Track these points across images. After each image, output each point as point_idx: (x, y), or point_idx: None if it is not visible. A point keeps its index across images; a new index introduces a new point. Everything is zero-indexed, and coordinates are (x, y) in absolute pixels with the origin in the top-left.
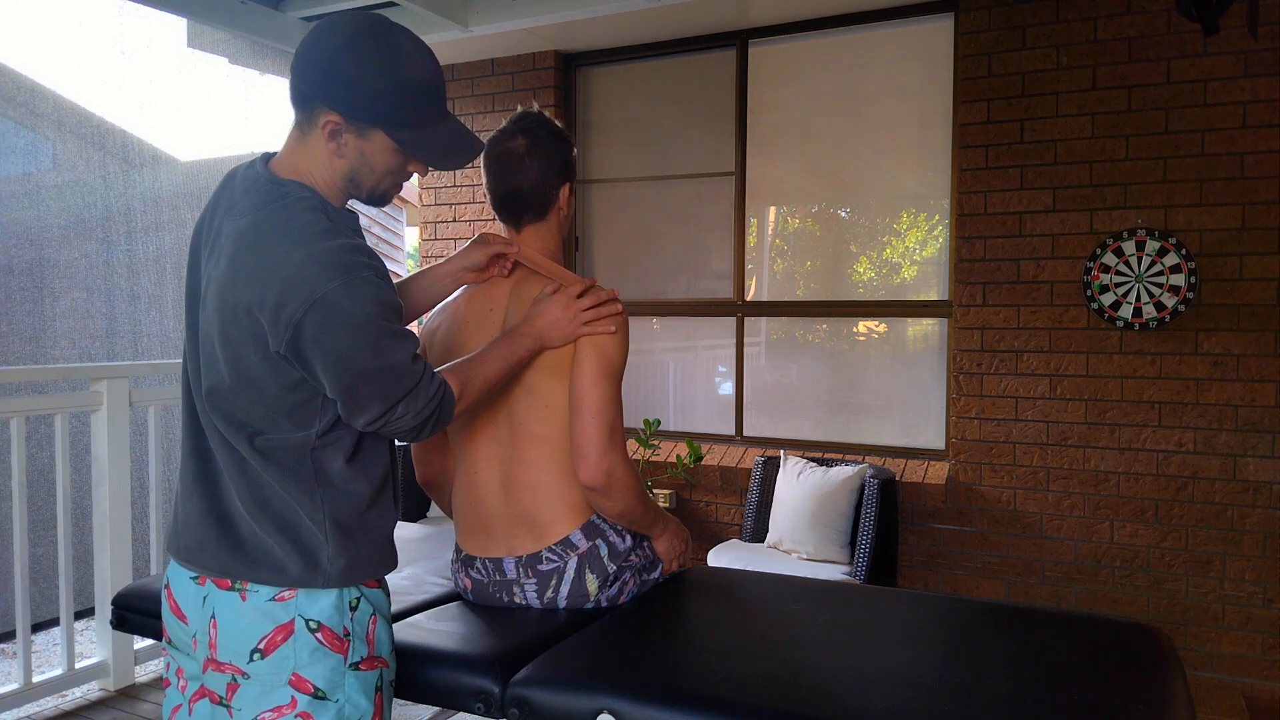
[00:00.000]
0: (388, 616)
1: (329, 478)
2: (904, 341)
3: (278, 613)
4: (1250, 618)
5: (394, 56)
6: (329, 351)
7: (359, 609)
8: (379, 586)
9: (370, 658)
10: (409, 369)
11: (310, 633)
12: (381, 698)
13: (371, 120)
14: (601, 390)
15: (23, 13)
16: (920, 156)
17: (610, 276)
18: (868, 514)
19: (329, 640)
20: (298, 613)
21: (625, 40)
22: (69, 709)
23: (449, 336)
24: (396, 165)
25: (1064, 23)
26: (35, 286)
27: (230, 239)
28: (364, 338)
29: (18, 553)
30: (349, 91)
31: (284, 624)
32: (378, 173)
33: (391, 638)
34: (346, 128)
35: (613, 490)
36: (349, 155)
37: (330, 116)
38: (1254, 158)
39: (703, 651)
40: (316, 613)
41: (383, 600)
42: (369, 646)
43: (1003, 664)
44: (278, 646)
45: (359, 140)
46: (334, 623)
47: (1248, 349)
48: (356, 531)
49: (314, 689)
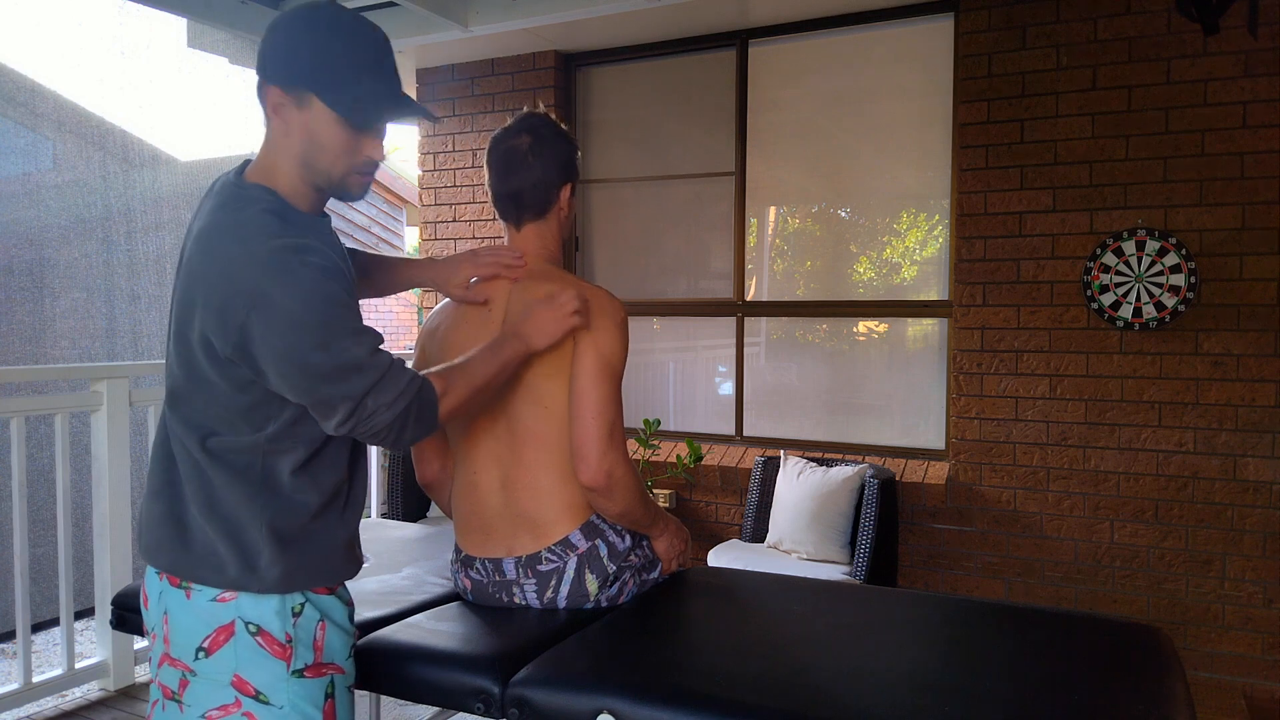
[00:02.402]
0: (343, 623)
1: (276, 484)
2: (904, 341)
3: (220, 613)
4: (1250, 618)
5: (322, 21)
6: (278, 354)
7: (303, 615)
8: (332, 593)
9: (317, 665)
10: (369, 363)
11: (250, 635)
12: (334, 704)
13: (303, 82)
14: (601, 390)
15: (23, 13)
16: (920, 156)
17: (610, 276)
18: (868, 514)
19: (269, 645)
20: (238, 615)
21: (625, 40)
22: (69, 709)
23: (449, 335)
24: (345, 141)
25: (1064, 23)
26: (35, 286)
27: (191, 240)
28: (310, 337)
29: (18, 553)
30: (281, 58)
31: (225, 625)
32: (329, 151)
33: (348, 643)
34: (286, 99)
35: (613, 491)
36: (295, 133)
37: (272, 91)
38: (1254, 158)
39: (703, 651)
40: (256, 616)
41: (334, 606)
42: (316, 653)
43: (1003, 664)
44: (220, 646)
45: (301, 113)
46: (274, 628)
47: (1248, 349)
48: (299, 540)
49: (255, 691)
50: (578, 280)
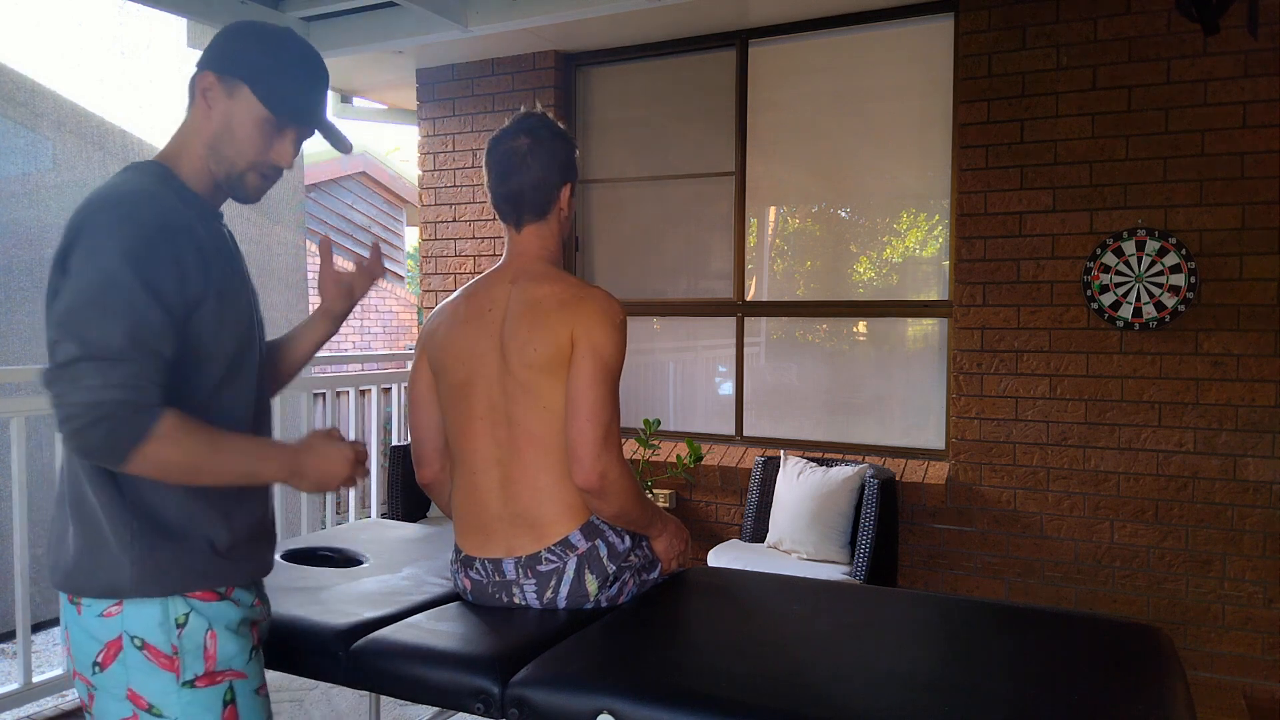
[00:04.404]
0: (237, 626)
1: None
2: (904, 341)
3: (108, 627)
4: (1250, 618)
5: (274, 32)
6: (70, 276)
7: (188, 625)
8: (221, 599)
9: (209, 674)
10: (118, 334)
11: (136, 649)
12: (235, 709)
13: (238, 71)
14: (598, 392)
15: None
16: (920, 156)
17: (610, 276)
18: (868, 514)
19: (156, 658)
20: (123, 629)
21: (625, 40)
22: (69, 709)
23: (449, 337)
24: (258, 136)
25: (1064, 23)
26: (35, 286)
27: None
28: (97, 276)
29: (18, 553)
30: (225, 49)
31: (114, 640)
32: (240, 141)
33: (247, 646)
34: (216, 84)
35: (607, 492)
36: (214, 118)
37: (206, 76)
38: (1254, 158)
39: (703, 651)
40: (140, 629)
41: (225, 611)
42: (207, 662)
43: (1003, 664)
44: (112, 661)
45: (226, 100)
46: (158, 640)
47: (1248, 349)
48: (163, 538)
49: (148, 705)
50: (577, 280)
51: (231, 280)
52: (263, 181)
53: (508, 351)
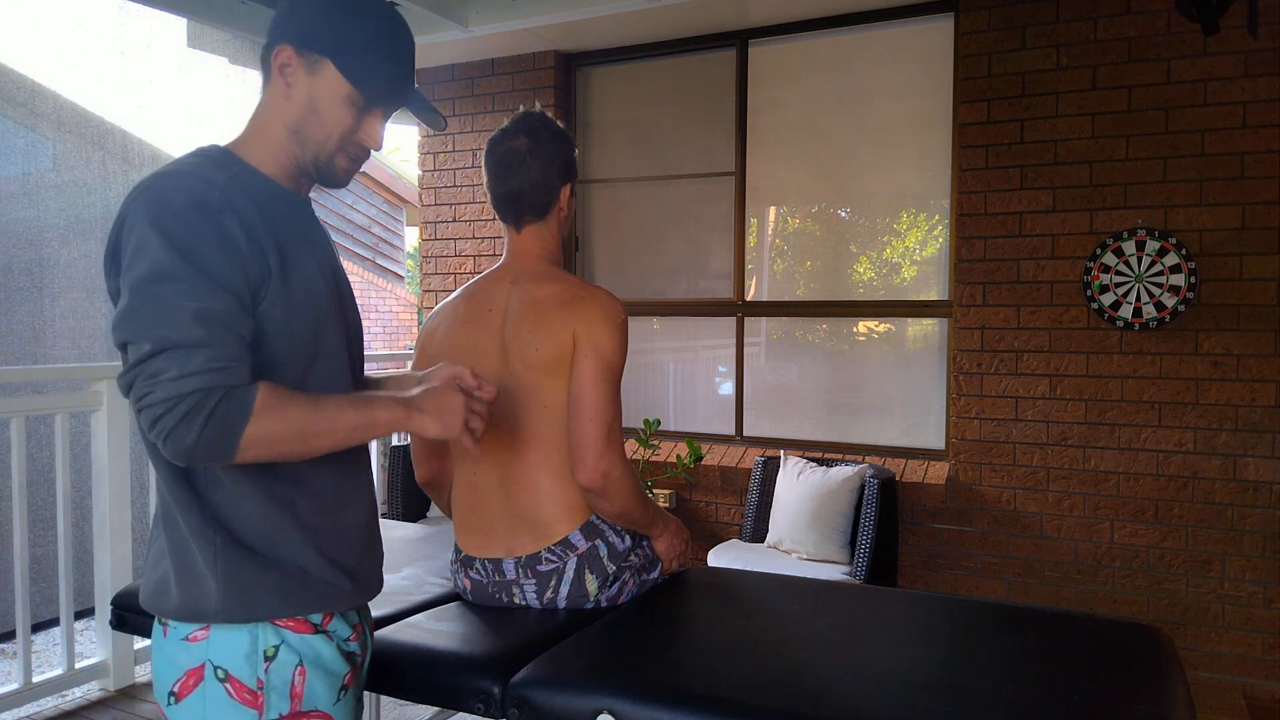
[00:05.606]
0: (331, 664)
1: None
2: (904, 341)
3: (192, 652)
4: (1250, 618)
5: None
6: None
7: (277, 659)
8: (316, 631)
9: (295, 714)
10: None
11: (219, 682)
12: None
13: (321, 46)
14: (600, 391)
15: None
16: (920, 156)
17: (610, 276)
18: (868, 514)
19: (238, 692)
20: (207, 657)
21: (625, 40)
22: (69, 709)
23: (449, 336)
24: (346, 116)
25: (1064, 23)
26: (35, 286)
27: None
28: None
29: (18, 553)
30: (303, 20)
31: (195, 668)
32: (327, 123)
33: (336, 685)
34: (296, 61)
35: (609, 492)
36: (296, 98)
37: (283, 50)
38: (1254, 158)
39: (703, 651)
40: (224, 658)
41: (318, 647)
42: (293, 701)
43: (1003, 664)
44: (190, 692)
45: (309, 78)
46: (243, 673)
47: (1248, 349)
48: (249, 558)
49: None
50: (579, 280)
51: (301, 265)
52: (351, 164)
53: (509, 351)
